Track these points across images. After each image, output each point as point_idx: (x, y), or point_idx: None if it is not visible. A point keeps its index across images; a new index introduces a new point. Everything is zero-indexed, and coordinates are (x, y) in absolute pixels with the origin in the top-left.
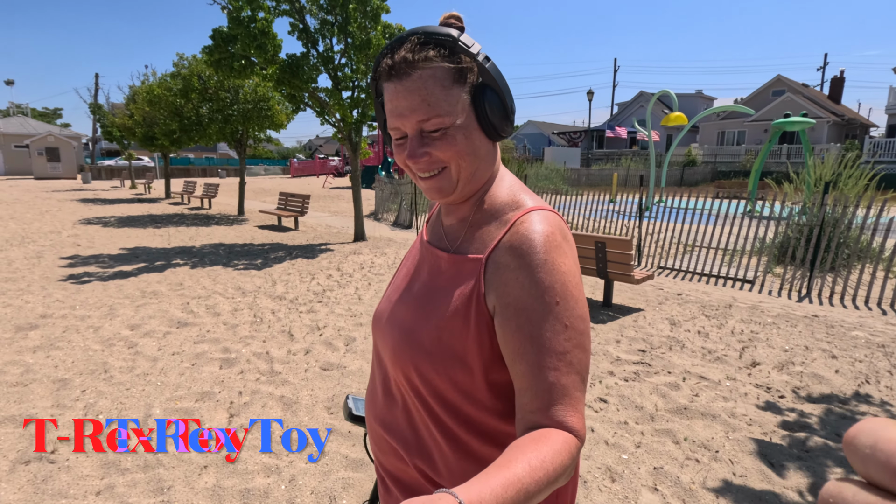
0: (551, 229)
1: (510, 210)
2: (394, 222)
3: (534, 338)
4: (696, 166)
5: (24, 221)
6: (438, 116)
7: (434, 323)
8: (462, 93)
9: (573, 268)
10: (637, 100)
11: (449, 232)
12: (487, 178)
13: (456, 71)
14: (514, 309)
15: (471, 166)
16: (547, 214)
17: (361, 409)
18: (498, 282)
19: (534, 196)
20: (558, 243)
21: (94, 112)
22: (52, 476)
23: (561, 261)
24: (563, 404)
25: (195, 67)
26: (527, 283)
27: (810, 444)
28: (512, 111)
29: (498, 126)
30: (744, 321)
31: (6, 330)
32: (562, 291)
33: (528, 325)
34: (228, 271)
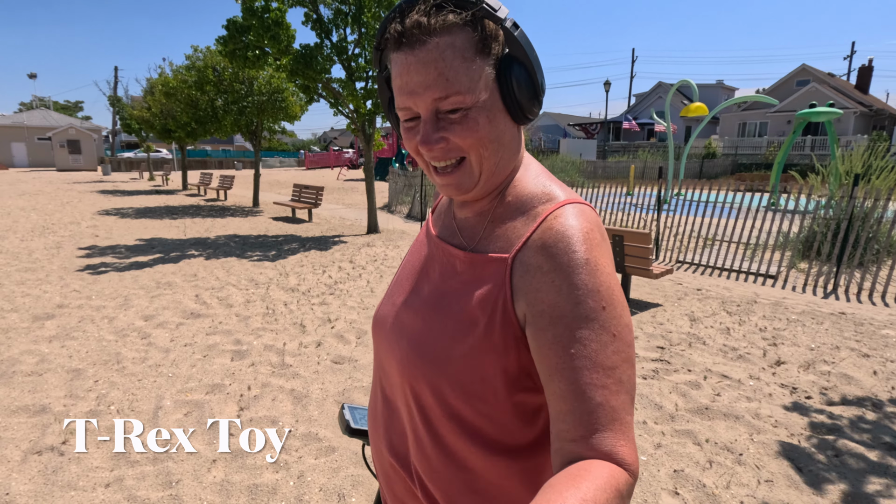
0: (590, 225)
1: (539, 203)
2: (407, 214)
3: (576, 350)
4: (716, 158)
5: (45, 212)
6: (458, 94)
7: (449, 333)
8: (486, 66)
9: (613, 269)
10: (655, 90)
11: (464, 226)
12: (511, 169)
13: (479, 39)
14: (549, 317)
15: (494, 155)
16: (583, 208)
17: (360, 420)
18: (529, 286)
19: (565, 187)
20: (598, 241)
21: (114, 105)
22: (63, 467)
23: (604, 261)
24: (611, 430)
25: (210, 59)
26: (565, 286)
27: (841, 448)
28: (542, 89)
29: (525, 107)
30: (767, 318)
31: (24, 319)
32: (608, 296)
33: (567, 334)
34: (242, 263)
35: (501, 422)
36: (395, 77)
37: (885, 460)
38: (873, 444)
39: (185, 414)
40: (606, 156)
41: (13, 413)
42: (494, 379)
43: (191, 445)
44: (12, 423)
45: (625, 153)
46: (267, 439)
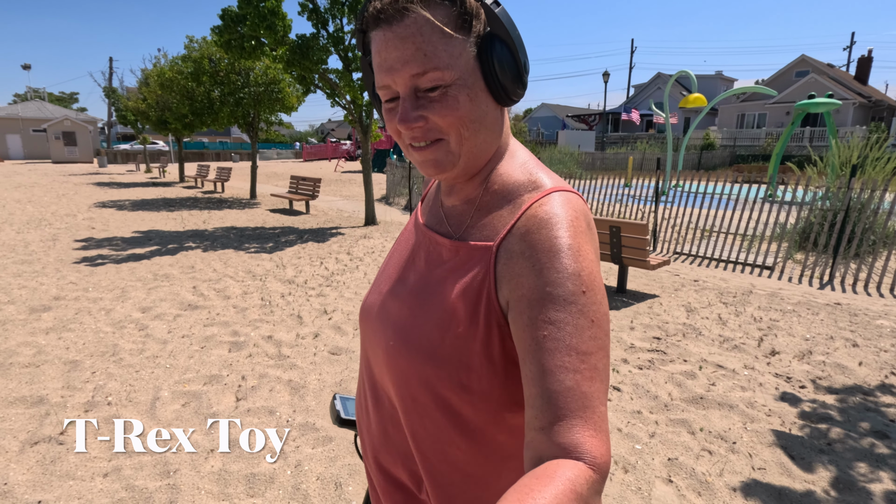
0: (575, 213)
1: (526, 191)
2: (405, 206)
3: (550, 332)
4: (715, 150)
5: (41, 205)
6: (437, 70)
7: (435, 322)
8: (466, 43)
9: (597, 260)
10: (654, 81)
11: (451, 214)
12: (494, 152)
13: (459, 15)
14: (528, 300)
15: (475, 136)
16: (569, 197)
17: (351, 410)
18: (511, 272)
19: (553, 175)
20: (583, 229)
21: (109, 96)
22: (61, 457)
23: (587, 248)
24: (580, 419)
25: (206, 50)
26: (545, 269)
27: (832, 437)
28: (525, 69)
29: (508, 87)
30: (763, 308)
31: (20, 311)
32: (588, 281)
33: (544, 316)
34: (239, 254)
35: (490, 411)
36: (374, 55)
37: (875, 448)
38: (865, 432)
39: (183, 405)
40: (605, 147)
41: (11, 404)
42: (480, 368)
43: (191, 445)
44: (10, 413)
45: (623, 144)
46: (267, 440)
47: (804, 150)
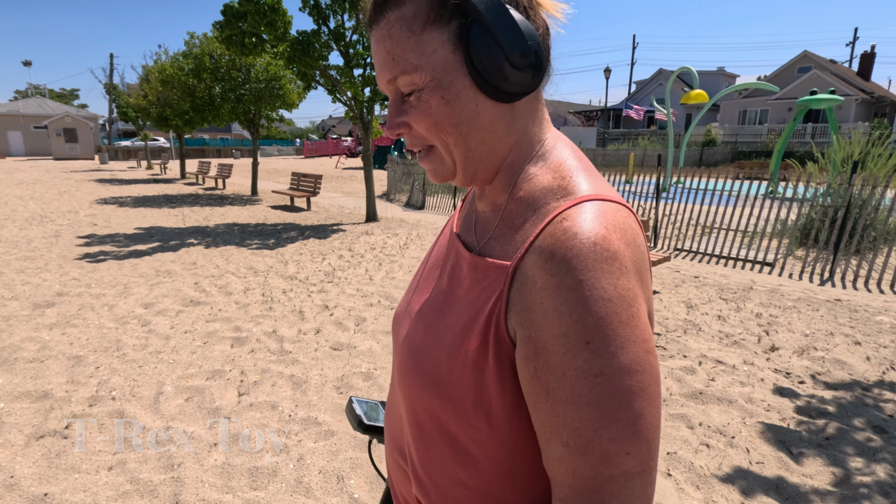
0: (604, 232)
1: (553, 199)
2: (406, 203)
3: (549, 391)
4: (716, 146)
5: (43, 201)
6: (405, 74)
7: (446, 349)
8: (442, 37)
9: (626, 293)
10: (656, 77)
11: (479, 221)
12: (507, 154)
13: (434, 7)
14: (533, 346)
15: (465, 139)
16: (605, 207)
17: (373, 416)
18: (521, 303)
19: (595, 178)
20: (610, 254)
21: (110, 92)
22: (66, 451)
23: (605, 282)
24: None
25: (206, 46)
26: (551, 310)
27: (830, 432)
28: (516, 53)
29: (493, 80)
30: (763, 305)
31: (24, 307)
32: (596, 328)
33: (545, 372)
34: (241, 251)
35: (502, 450)
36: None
37: (873, 443)
38: (863, 428)
39: (186, 399)
40: (606, 144)
41: (16, 399)
42: (489, 404)
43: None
44: (15, 408)
45: (625, 141)
46: (267, 440)
47: (806, 146)
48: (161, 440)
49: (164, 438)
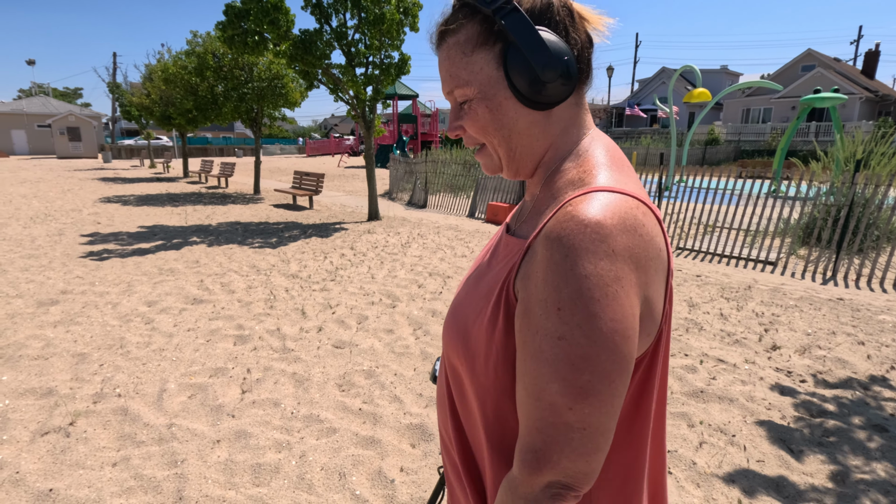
0: (599, 217)
1: (572, 189)
2: (408, 202)
3: (524, 344)
4: (719, 145)
5: (46, 200)
6: (458, 87)
7: (474, 305)
8: (488, 57)
9: (606, 273)
10: (659, 76)
11: (523, 208)
12: (545, 153)
13: (480, 33)
14: (524, 307)
15: (507, 141)
16: (611, 197)
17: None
18: (525, 271)
19: (619, 174)
20: (599, 237)
21: (113, 91)
22: (70, 447)
23: (587, 261)
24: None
25: (209, 45)
26: (540, 279)
27: (831, 430)
28: (544, 71)
29: (527, 92)
30: (765, 304)
31: (28, 305)
32: (568, 299)
33: (525, 329)
34: (244, 249)
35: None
36: None
37: (873, 441)
38: (863, 426)
39: (189, 396)
40: None
41: (21, 395)
42: (496, 357)
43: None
44: (20, 405)
45: (627, 139)
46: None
47: (810, 145)
48: (164, 437)
49: (167, 435)
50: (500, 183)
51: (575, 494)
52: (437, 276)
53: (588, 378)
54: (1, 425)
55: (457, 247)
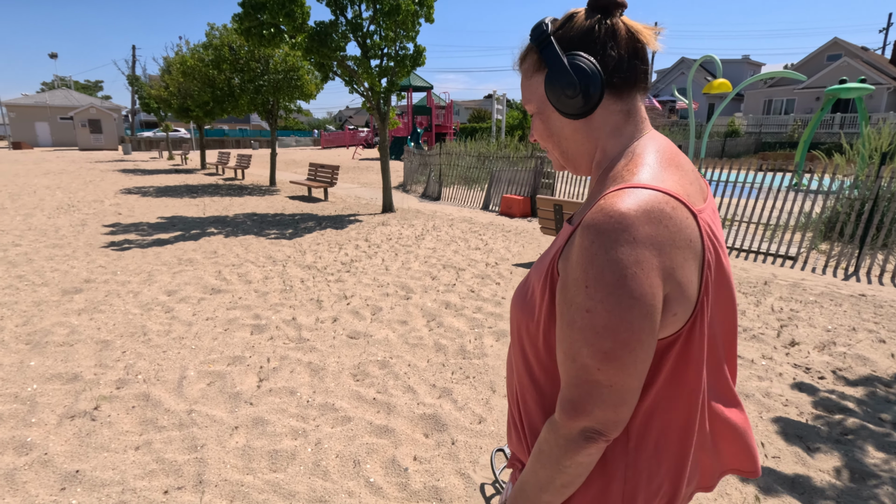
0: (625, 209)
1: (613, 185)
2: (422, 194)
3: (562, 314)
4: (739, 137)
5: (69, 191)
6: (527, 104)
7: (536, 279)
8: (540, 80)
9: (625, 258)
10: (678, 66)
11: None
12: (594, 153)
13: (536, 62)
14: (562, 283)
15: (558, 146)
16: (641, 192)
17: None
18: (566, 253)
19: (662, 172)
20: (622, 227)
21: (132, 84)
22: (95, 431)
23: (609, 247)
24: (565, 386)
25: (226, 37)
26: (574, 261)
27: (850, 428)
28: (566, 87)
29: (558, 105)
30: (784, 299)
31: (54, 293)
32: (594, 278)
33: (562, 302)
34: (260, 240)
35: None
36: None
37: (893, 439)
38: (884, 425)
39: (208, 384)
40: None
41: (48, 380)
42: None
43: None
44: (48, 389)
45: None
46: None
47: (834, 137)
48: (185, 422)
49: (187, 421)
50: (514, 175)
51: (605, 438)
52: (451, 269)
53: (610, 345)
54: (30, 408)
55: (470, 239)
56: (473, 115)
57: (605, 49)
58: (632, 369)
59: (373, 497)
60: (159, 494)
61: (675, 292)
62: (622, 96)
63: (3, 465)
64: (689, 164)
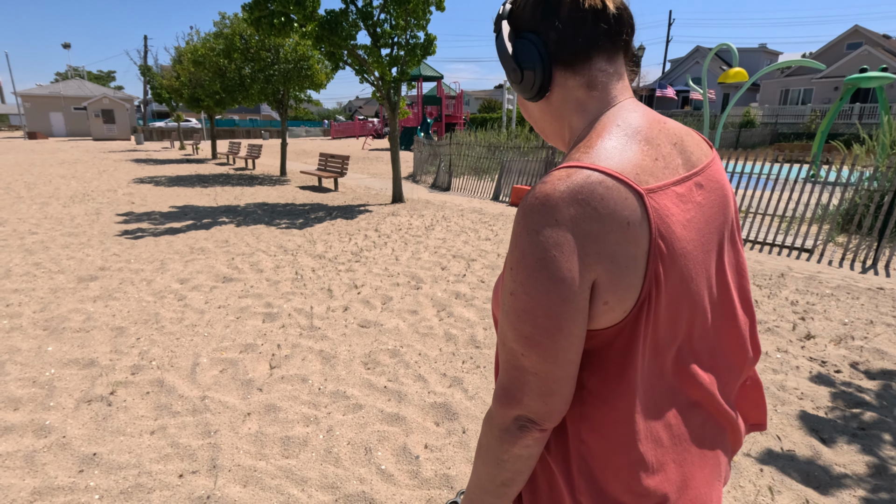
0: (549, 190)
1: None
2: (432, 184)
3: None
4: (755, 128)
5: (84, 180)
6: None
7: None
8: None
9: (544, 240)
10: (693, 55)
11: None
12: (563, 131)
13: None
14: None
15: (538, 128)
16: (572, 172)
17: None
18: None
19: (618, 148)
20: (544, 208)
21: (144, 74)
22: (111, 415)
23: (530, 228)
24: (499, 372)
25: (237, 27)
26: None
27: (867, 421)
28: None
29: (516, 90)
30: (799, 292)
31: (70, 280)
32: (516, 260)
33: (498, 284)
34: (271, 230)
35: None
36: None
37: None
38: None
39: (221, 371)
40: None
41: (65, 365)
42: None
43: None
44: (65, 374)
45: None
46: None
47: (852, 127)
48: (198, 408)
49: (200, 407)
50: (525, 166)
51: (540, 428)
52: (461, 259)
53: (530, 330)
54: (48, 393)
55: (480, 230)
56: (484, 105)
57: (547, 26)
58: (553, 357)
59: (384, 484)
60: (174, 478)
61: (604, 278)
62: (576, 69)
63: (23, 447)
64: (668, 136)
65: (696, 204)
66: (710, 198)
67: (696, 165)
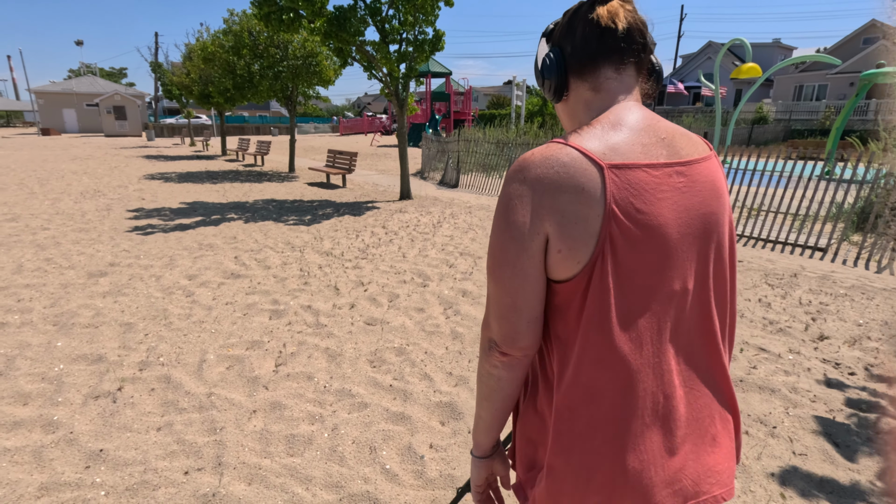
0: (529, 155)
1: None
2: (440, 181)
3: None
4: (767, 124)
5: (95, 176)
6: None
7: None
8: None
9: (511, 193)
10: (705, 51)
11: None
12: (573, 125)
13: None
14: None
15: (562, 122)
16: (550, 146)
17: None
18: None
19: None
20: (518, 169)
21: (155, 71)
22: (119, 411)
23: (507, 185)
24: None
25: (246, 23)
26: None
27: (883, 426)
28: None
29: (544, 94)
30: (812, 291)
31: (80, 276)
32: (496, 208)
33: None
34: (279, 226)
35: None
36: None
37: None
38: None
39: (227, 367)
40: None
41: (74, 361)
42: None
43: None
44: (73, 369)
45: (669, 118)
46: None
47: (868, 124)
48: (204, 405)
49: (207, 403)
50: None
51: (501, 351)
52: (468, 256)
53: (491, 262)
54: (57, 388)
55: (488, 227)
56: (492, 102)
57: (566, 42)
58: (503, 285)
59: (388, 484)
60: (180, 475)
61: (555, 230)
62: (585, 76)
63: (31, 443)
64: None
65: (672, 187)
66: (693, 187)
67: (683, 158)
